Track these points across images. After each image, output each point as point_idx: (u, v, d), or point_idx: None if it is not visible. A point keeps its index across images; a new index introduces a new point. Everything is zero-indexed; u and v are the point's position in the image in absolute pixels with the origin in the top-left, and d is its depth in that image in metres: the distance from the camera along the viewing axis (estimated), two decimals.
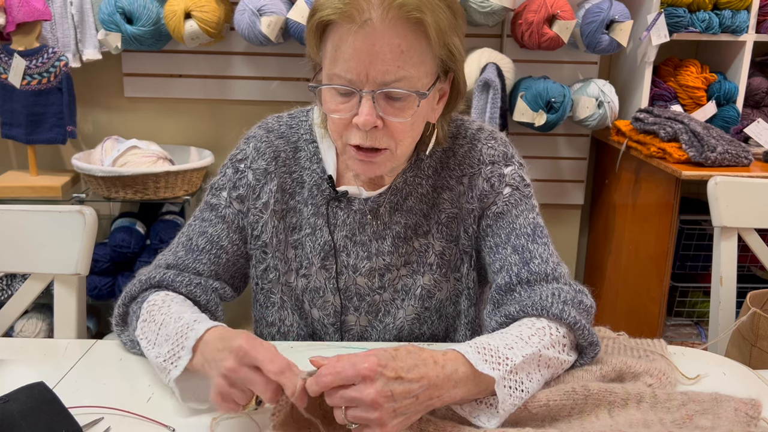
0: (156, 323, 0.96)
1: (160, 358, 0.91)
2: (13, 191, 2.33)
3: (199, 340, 0.87)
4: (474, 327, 1.15)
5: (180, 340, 0.89)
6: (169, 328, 0.92)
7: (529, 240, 1.05)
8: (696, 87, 2.44)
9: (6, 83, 2.26)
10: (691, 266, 2.40)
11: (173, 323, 0.92)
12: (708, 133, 2.13)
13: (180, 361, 0.88)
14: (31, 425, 0.82)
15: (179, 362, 0.88)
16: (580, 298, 0.98)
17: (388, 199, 1.10)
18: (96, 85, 2.54)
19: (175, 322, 0.92)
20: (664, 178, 2.19)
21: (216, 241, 1.10)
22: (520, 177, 1.10)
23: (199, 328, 0.88)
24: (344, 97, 0.96)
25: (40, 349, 1.09)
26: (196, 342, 0.87)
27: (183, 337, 0.89)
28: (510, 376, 0.84)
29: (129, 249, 2.36)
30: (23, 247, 1.22)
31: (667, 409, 0.89)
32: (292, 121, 1.15)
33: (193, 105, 2.58)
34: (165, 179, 2.22)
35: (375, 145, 0.98)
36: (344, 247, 1.12)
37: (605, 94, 2.40)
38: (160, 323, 0.95)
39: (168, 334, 0.92)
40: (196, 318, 0.93)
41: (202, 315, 0.96)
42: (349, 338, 1.15)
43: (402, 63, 0.92)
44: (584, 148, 2.70)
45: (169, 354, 0.89)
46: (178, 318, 0.93)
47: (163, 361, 0.90)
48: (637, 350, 1.05)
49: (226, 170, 1.14)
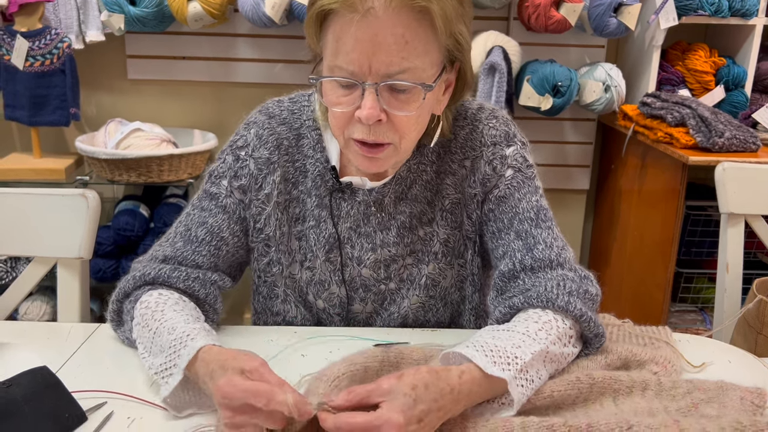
0: (150, 330, 0.93)
1: (153, 370, 0.89)
2: (17, 173, 2.32)
3: (192, 359, 0.84)
4: (478, 312, 1.14)
5: (172, 357, 0.86)
6: (162, 339, 0.90)
7: (533, 225, 1.04)
8: (704, 71, 2.42)
9: (9, 65, 2.25)
10: (696, 252, 2.38)
11: (166, 335, 0.90)
12: (716, 118, 2.11)
13: (171, 379, 0.85)
14: (34, 410, 0.82)
15: (170, 380, 0.85)
16: (586, 287, 0.97)
17: (392, 189, 1.07)
18: (99, 67, 2.52)
19: (168, 334, 0.90)
20: (671, 163, 2.17)
21: (216, 232, 1.08)
22: (522, 158, 1.08)
23: (192, 345, 0.85)
24: (346, 89, 0.93)
25: (43, 333, 1.09)
26: (188, 362, 0.84)
27: (176, 354, 0.86)
28: (520, 375, 0.83)
29: (132, 232, 2.36)
30: (26, 230, 1.22)
31: (672, 397, 0.89)
32: (293, 107, 1.12)
33: (197, 87, 2.56)
34: (168, 162, 2.21)
35: (378, 140, 0.94)
36: (348, 239, 1.10)
37: (612, 78, 2.37)
38: (153, 331, 0.93)
39: (162, 346, 0.89)
40: (189, 332, 0.89)
41: (195, 326, 0.91)
42: (354, 325, 1.15)
43: (406, 54, 0.89)
44: (590, 133, 2.68)
45: (162, 368, 0.88)
46: (172, 329, 0.90)
47: (155, 373, 0.89)
48: (642, 338, 1.05)
49: (225, 157, 1.10)
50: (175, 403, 0.86)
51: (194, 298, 1.04)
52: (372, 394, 0.74)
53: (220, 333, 1.09)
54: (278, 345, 1.05)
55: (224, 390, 0.75)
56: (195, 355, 0.84)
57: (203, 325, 0.94)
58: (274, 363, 0.99)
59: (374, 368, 0.89)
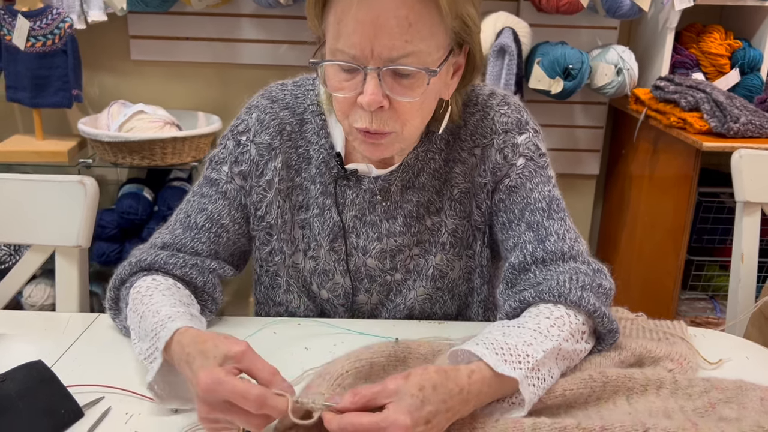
0: (138, 314, 0.90)
1: (142, 356, 0.86)
2: (19, 156, 2.29)
3: (168, 342, 0.80)
4: (487, 305, 1.11)
5: (154, 341, 0.83)
6: (147, 322, 0.86)
7: (545, 216, 1.00)
8: (719, 54, 2.36)
9: (10, 45, 2.21)
10: (708, 240, 2.34)
11: (151, 317, 0.86)
12: (731, 103, 2.06)
13: (154, 364, 0.81)
14: (29, 406, 0.80)
15: (153, 365, 0.82)
16: (600, 281, 0.93)
17: (399, 177, 1.04)
18: (101, 48, 2.48)
19: (153, 317, 0.86)
20: (684, 149, 2.12)
21: (216, 218, 1.05)
22: (534, 146, 1.04)
23: (170, 327, 0.81)
24: (348, 74, 0.89)
25: (41, 323, 1.06)
26: (165, 344, 0.80)
27: (156, 337, 0.83)
28: (532, 374, 0.80)
29: (136, 216, 2.33)
30: (23, 217, 1.19)
31: (689, 396, 0.85)
32: (297, 90, 1.08)
33: (201, 69, 2.53)
34: (172, 145, 2.18)
35: (381, 130, 0.90)
36: (354, 228, 1.07)
37: (624, 61, 2.32)
38: (140, 315, 0.89)
39: (146, 330, 0.86)
40: (171, 315, 0.85)
41: (179, 309, 0.88)
42: (359, 316, 1.12)
43: (410, 37, 0.84)
44: (601, 117, 2.63)
45: (148, 353, 0.84)
46: (156, 312, 0.87)
47: (144, 359, 0.85)
48: (656, 332, 1.02)
49: (226, 142, 1.07)
50: (161, 392, 0.82)
51: (192, 286, 1.01)
52: (378, 395, 0.72)
53: (222, 324, 1.06)
54: (281, 337, 1.02)
55: (207, 386, 0.70)
56: (171, 337, 0.80)
57: (190, 310, 0.91)
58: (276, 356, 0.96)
59: (380, 363, 0.86)
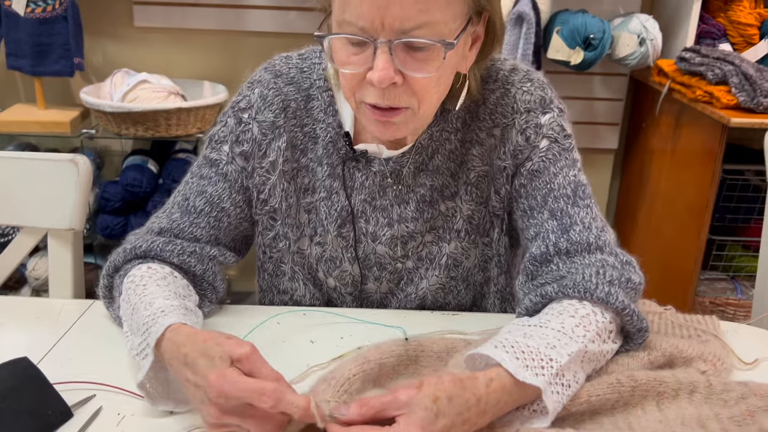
0: (131, 306, 0.84)
1: (134, 351, 0.80)
2: (21, 126, 2.23)
3: (159, 338, 0.75)
4: (504, 296, 1.05)
5: (146, 336, 0.77)
6: (139, 315, 0.81)
7: (569, 203, 0.93)
8: (748, 24, 2.24)
9: (10, 11, 2.13)
10: (731, 218, 2.26)
11: (143, 310, 0.80)
12: (761, 76, 1.96)
13: (146, 361, 0.76)
14: (13, 407, 0.74)
15: (144, 362, 0.76)
16: (628, 275, 0.86)
17: (412, 159, 0.96)
18: (103, 13, 2.40)
19: (145, 309, 0.80)
20: (709, 124, 2.03)
21: (216, 202, 0.98)
22: (559, 126, 0.96)
23: (162, 322, 0.76)
24: (357, 47, 0.81)
25: (33, 310, 1.01)
26: (156, 340, 0.75)
27: (148, 332, 0.77)
28: (556, 380, 0.73)
29: (141, 188, 2.28)
30: (13, 197, 1.12)
31: (724, 402, 0.79)
32: (303, 64, 1.00)
33: (207, 36, 2.44)
34: (177, 116, 2.11)
35: (393, 104, 0.83)
36: (363, 213, 1.00)
37: (648, 30, 2.22)
38: (133, 306, 0.83)
39: (138, 324, 0.80)
40: (163, 308, 0.80)
41: (173, 302, 0.82)
42: (368, 306, 1.06)
43: (424, 5, 0.77)
44: (621, 89, 2.53)
45: (139, 348, 0.79)
46: (149, 305, 0.81)
47: (135, 354, 0.80)
48: (686, 328, 0.95)
49: (227, 120, 0.99)
50: (154, 391, 0.77)
51: (190, 275, 0.95)
52: (388, 406, 0.66)
53: (221, 314, 1.00)
54: (285, 328, 0.96)
55: (221, 388, 0.66)
56: (162, 333, 0.75)
57: (185, 303, 0.85)
58: (279, 350, 0.91)
59: (390, 364, 0.80)
